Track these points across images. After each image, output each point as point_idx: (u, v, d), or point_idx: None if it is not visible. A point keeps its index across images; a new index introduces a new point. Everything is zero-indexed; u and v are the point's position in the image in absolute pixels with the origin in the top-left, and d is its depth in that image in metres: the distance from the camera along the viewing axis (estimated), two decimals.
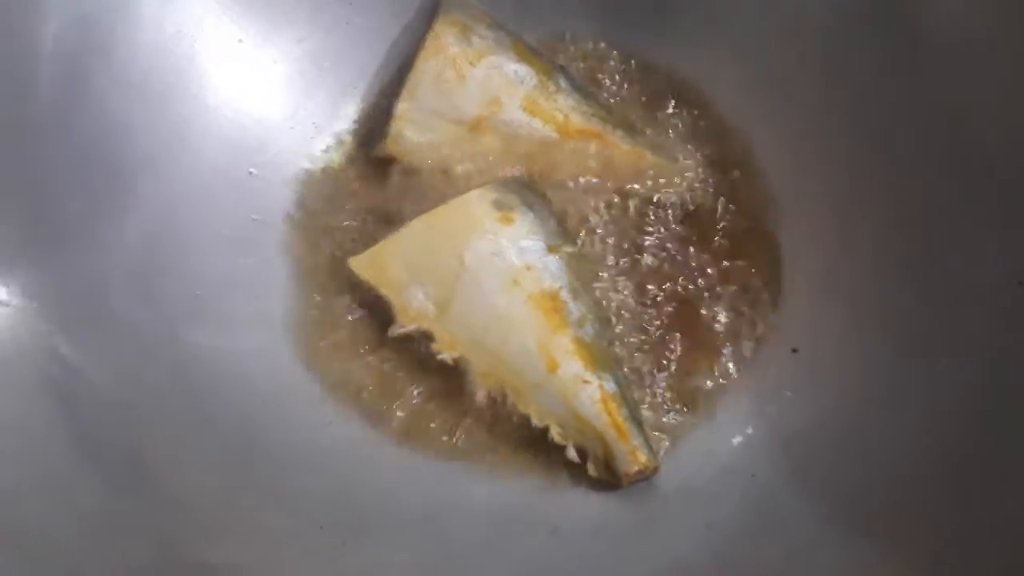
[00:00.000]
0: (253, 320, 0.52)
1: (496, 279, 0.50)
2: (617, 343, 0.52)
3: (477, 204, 0.51)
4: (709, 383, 0.51)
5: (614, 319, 0.52)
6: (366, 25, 0.58)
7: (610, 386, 0.49)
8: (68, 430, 0.42)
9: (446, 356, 0.50)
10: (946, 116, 0.48)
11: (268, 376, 0.50)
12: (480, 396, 0.49)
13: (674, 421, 0.50)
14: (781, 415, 0.49)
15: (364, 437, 0.49)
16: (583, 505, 0.47)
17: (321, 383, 0.51)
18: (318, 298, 0.53)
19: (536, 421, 0.49)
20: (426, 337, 0.50)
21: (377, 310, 0.52)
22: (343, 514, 0.46)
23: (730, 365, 0.51)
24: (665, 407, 0.51)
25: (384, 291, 0.51)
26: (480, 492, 0.48)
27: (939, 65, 0.48)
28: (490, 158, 0.56)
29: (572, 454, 0.48)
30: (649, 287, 0.53)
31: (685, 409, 0.51)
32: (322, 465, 0.48)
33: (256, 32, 0.56)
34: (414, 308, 0.50)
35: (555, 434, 0.48)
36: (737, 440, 0.49)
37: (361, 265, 0.52)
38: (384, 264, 0.51)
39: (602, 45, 0.59)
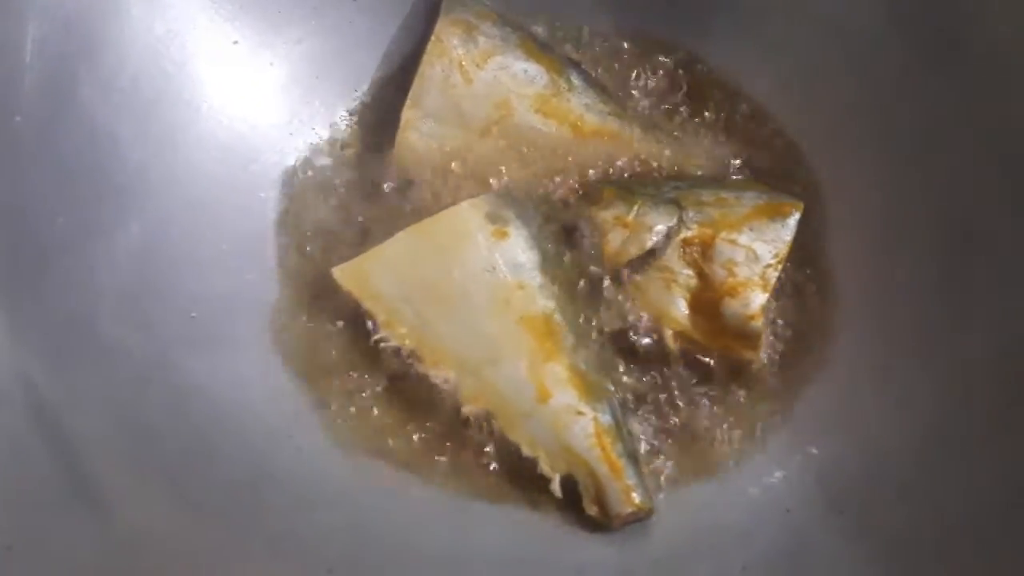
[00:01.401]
0: (255, 342, 0.49)
1: (486, 297, 0.47)
2: (626, 376, 0.49)
3: (469, 216, 0.48)
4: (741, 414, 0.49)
5: (620, 349, 0.49)
6: (367, 25, 0.55)
7: (605, 419, 0.46)
8: (57, 475, 0.39)
9: (433, 376, 0.47)
10: (992, 126, 0.46)
11: (273, 403, 0.47)
12: (468, 420, 0.47)
13: (702, 457, 0.48)
14: (816, 449, 0.46)
15: (376, 469, 0.47)
16: (608, 544, 0.45)
17: (327, 409, 0.48)
18: (324, 315, 0.50)
19: (526, 451, 0.46)
20: (413, 355, 0.47)
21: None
22: (354, 554, 0.43)
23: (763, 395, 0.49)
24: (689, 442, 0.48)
25: (368, 304, 0.48)
26: (500, 530, 0.46)
27: (984, 74, 0.46)
28: (502, 163, 0.53)
29: (556, 488, 0.46)
30: None
31: (716, 444, 0.48)
32: (332, 501, 0.45)
33: (252, 33, 0.53)
34: (398, 323, 0.48)
35: (544, 466, 0.46)
36: (770, 475, 0.46)
37: (344, 275, 0.49)
38: (368, 276, 0.48)
39: (624, 43, 0.56)
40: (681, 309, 0.49)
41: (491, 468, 0.47)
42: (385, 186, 0.53)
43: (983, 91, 0.46)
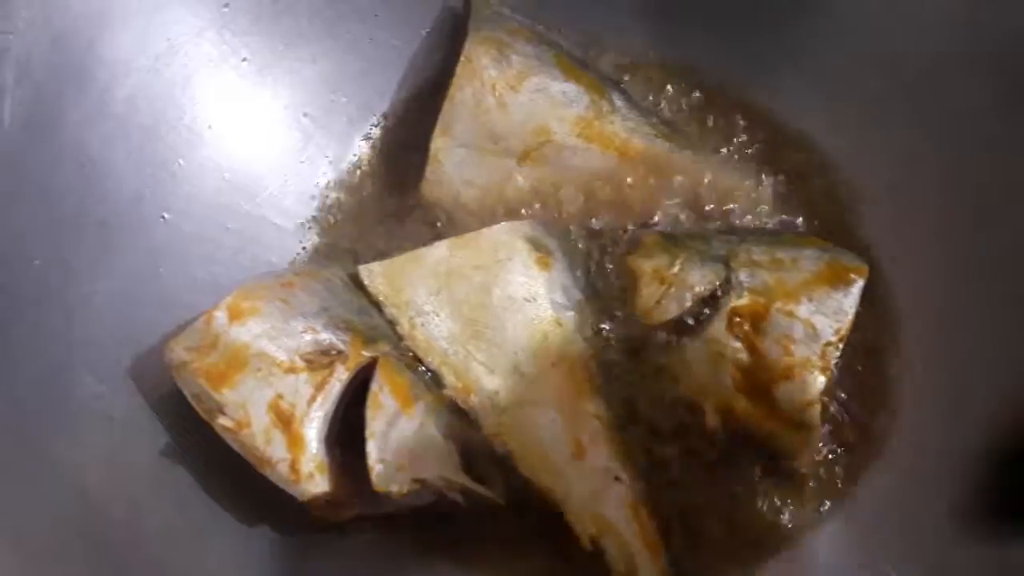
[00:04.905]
0: None
1: (524, 327, 0.43)
2: (655, 449, 0.43)
3: (512, 238, 0.45)
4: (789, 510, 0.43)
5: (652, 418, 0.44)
6: (389, 42, 0.51)
7: (639, 487, 0.42)
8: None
9: (458, 400, 0.43)
10: None
11: None
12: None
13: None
14: (870, 557, 0.40)
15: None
16: None
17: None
18: None
19: (556, 499, 0.41)
20: (436, 375, 0.43)
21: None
22: None
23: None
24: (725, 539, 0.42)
25: (392, 310, 0.44)
26: None
27: None
28: (540, 194, 0.48)
29: (586, 543, 0.41)
30: None
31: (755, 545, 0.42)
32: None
33: (263, 49, 0.48)
34: (422, 336, 0.44)
35: (573, 523, 0.41)
36: None
37: (373, 276, 0.45)
38: (399, 280, 0.45)
39: (670, 76, 0.51)
40: (727, 386, 0.43)
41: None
42: (409, 221, 0.48)
43: None
